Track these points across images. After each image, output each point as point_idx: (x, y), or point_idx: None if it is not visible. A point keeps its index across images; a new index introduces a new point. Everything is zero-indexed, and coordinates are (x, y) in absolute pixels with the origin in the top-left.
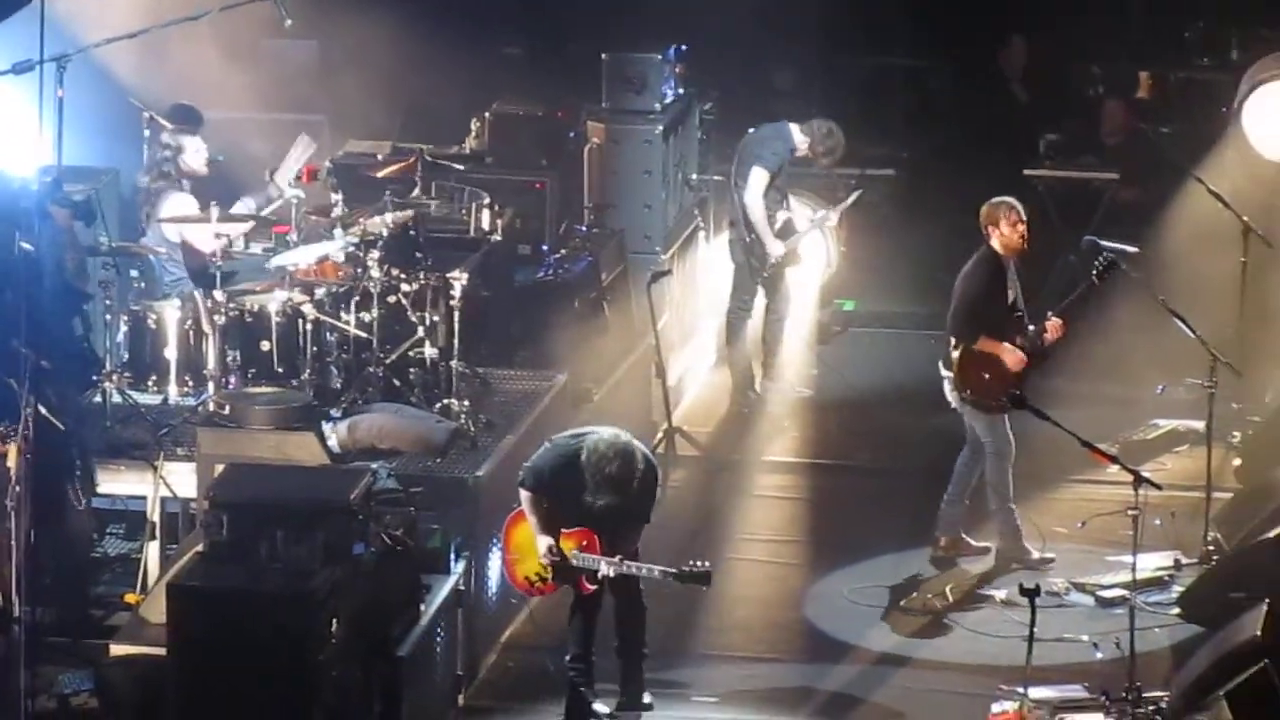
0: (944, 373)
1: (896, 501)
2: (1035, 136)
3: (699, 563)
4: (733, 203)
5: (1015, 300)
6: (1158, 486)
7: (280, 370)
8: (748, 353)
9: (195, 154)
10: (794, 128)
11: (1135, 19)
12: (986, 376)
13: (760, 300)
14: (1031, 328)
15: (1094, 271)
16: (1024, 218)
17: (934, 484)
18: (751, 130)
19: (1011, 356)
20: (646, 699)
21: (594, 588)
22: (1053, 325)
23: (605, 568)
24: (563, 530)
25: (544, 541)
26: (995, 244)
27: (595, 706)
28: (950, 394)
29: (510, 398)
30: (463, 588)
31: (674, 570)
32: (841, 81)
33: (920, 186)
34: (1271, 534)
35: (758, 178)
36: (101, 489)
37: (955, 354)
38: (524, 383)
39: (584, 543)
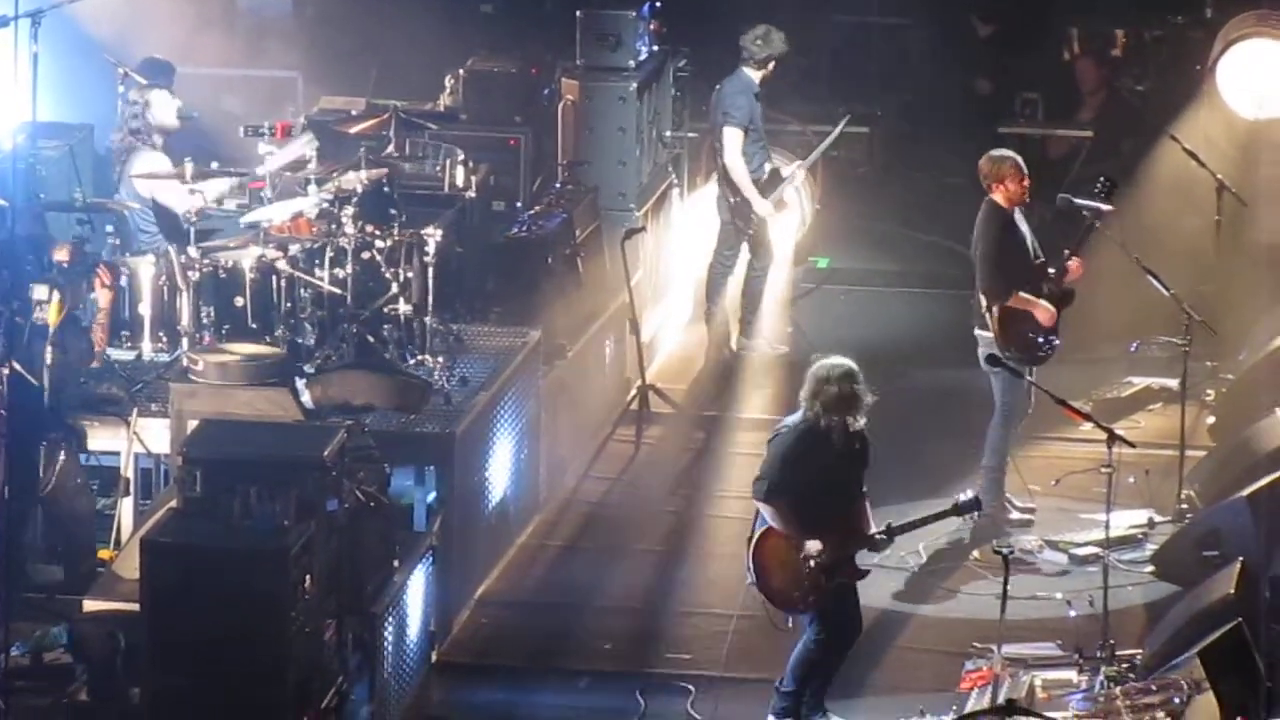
0: (977, 333)
1: (875, 462)
2: (1011, 94)
3: (965, 494)
4: (716, 162)
5: (1034, 248)
6: (1131, 444)
7: (254, 326)
8: (726, 310)
9: (163, 108)
10: (745, 70)
11: None
12: (1030, 335)
13: (743, 256)
14: (1052, 271)
15: (1100, 196)
16: (1026, 173)
17: (909, 441)
18: (718, 87)
19: (1044, 313)
20: None
21: (867, 569)
22: (1073, 265)
23: (879, 538)
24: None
25: (813, 545)
26: (998, 198)
27: None
28: (984, 353)
29: (484, 354)
30: (436, 544)
31: (948, 508)
32: (817, 39)
33: (895, 144)
34: (1245, 492)
35: (731, 137)
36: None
37: (991, 315)
38: (498, 339)
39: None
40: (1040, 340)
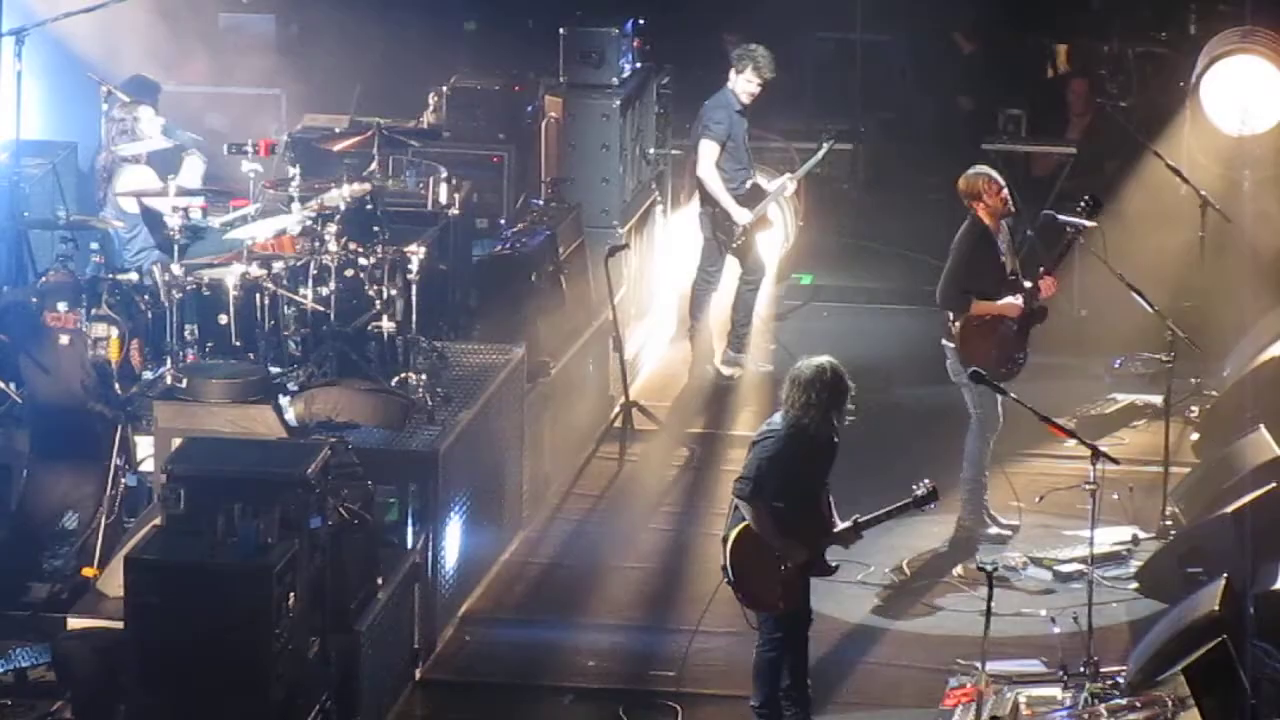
0: (945, 343)
1: (856, 476)
2: (995, 110)
3: (922, 484)
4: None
5: (1013, 268)
6: (1115, 461)
7: (238, 344)
8: (710, 326)
9: (151, 125)
10: (729, 87)
11: None
12: (994, 351)
13: (728, 272)
14: (1027, 285)
15: (1083, 214)
16: (1003, 184)
17: (890, 457)
18: (705, 104)
19: (1010, 308)
20: None
21: (836, 564)
22: (1046, 283)
23: (850, 537)
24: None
25: (798, 555)
26: (981, 213)
27: None
28: (951, 367)
29: (467, 371)
30: (420, 561)
31: (908, 501)
32: (800, 56)
33: (878, 161)
34: (1229, 509)
35: (706, 150)
36: None
37: (955, 328)
38: (481, 356)
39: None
40: (1001, 356)
